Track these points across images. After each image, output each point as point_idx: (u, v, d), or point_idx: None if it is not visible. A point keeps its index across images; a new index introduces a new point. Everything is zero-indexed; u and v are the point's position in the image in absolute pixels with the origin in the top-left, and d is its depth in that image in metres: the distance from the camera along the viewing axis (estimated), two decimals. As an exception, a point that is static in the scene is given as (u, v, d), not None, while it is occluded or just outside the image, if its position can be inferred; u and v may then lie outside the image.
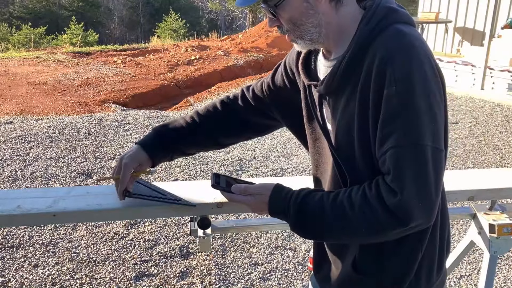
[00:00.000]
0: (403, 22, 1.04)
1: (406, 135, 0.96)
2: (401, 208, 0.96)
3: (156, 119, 6.52)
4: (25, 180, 4.30)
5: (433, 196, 0.97)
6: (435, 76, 0.99)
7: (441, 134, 0.99)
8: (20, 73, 9.64)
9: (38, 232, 3.37)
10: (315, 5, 1.05)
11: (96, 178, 4.36)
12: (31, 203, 1.37)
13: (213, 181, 1.22)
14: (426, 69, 0.97)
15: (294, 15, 1.06)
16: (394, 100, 0.96)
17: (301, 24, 1.07)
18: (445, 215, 1.20)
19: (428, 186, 0.96)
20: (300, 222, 1.09)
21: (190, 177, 4.42)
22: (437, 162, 0.97)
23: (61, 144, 5.32)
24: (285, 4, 1.05)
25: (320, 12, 1.06)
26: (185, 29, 30.22)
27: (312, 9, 1.05)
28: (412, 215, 0.96)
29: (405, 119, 0.96)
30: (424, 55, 0.98)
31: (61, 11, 41.62)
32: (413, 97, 0.95)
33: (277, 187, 1.15)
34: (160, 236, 3.32)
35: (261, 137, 5.64)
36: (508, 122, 6.24)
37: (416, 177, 0.95)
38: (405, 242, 1.08)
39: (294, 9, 1.06)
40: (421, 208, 0.96)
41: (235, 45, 14.45)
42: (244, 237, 3.32)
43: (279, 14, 1.09)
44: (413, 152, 0.96)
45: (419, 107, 0.95)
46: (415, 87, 0.95)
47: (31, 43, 21.40)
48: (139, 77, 9.74)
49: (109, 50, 14.53)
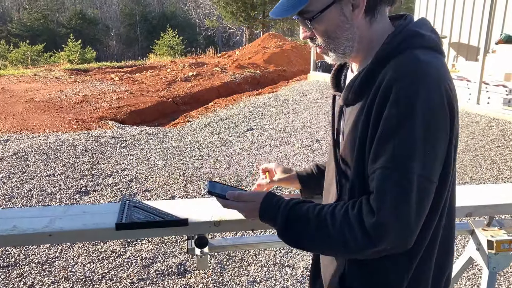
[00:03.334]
0: (426, 47, 1.03)
1: (395, 158, 0.96)
2: (376, 229, 0.96)
3: (153, 135, 6.52)
4: (22, 198, 4.27)
5: (411, 224, 0.96)
6: (443, 107, 0.97)
7: (435, 166, 0.98)
8: (17, 91, 9.65)
9: (34, 250, 3.34)
10: (351, 19, 1.06)
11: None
12: (27, 223, 1.36)
13: (209, 187, 1.26)
14: (433, 98, 0.95)
15: (330, 28, 1.08)
16: (392, 121, 0.96)
17: (336, 37, 1.09)
18: (447, 244, 1.16)
19: (407, 212, 0.95)
20: (286, 230, 1.11)
21: (188, 194, 4.40)
22: (423, 192, 0.96)
23: (58, 161, 5.31)
24: (322, 17, 1.06)
25: (355, 26, 1.07)
26: (183, 46, 30.43)
27: (348, 23, 1.07)
28: (385, 237, 0.96)
29: (398, 142, 0.95)
30: (436, 84, 0.97)
31: (59, 29, 41.92)
32: (412, 123, 0.95)
33: (269, 195, 1.18)
34: (157, 254, 3.30)
35: (259, 152, 5.67)
36: (504, 136, 6.27)
37: (396, 201, 0.95)
38: (393, 259, 1.07)
39: (330, 22, 1.07)
40: (396, 232, 0.95)
41: (232, 62, 14.54)
42: (242, 254, 3.29)
43: (314, 27, 1.09)
44: (398, 176, 0.95)
45: (416, 135, 0.95)
46: (416, 114, 0.95)
47: (28, 61, 21.47)
48: (137, 94, 9.77)
49: (107, 67, 14.60)
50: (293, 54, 15.31)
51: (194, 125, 7.30)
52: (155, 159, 5.44)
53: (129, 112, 8.42)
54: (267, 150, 5.84)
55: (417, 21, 1.11)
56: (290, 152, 5.72)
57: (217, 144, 6.12)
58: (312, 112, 7.90)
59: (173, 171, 5.02)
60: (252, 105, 8.61)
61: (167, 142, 6.21)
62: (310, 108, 8.28)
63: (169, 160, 5.40)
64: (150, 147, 5.93)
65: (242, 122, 7.36)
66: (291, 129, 6.82)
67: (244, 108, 8.38)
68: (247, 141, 6.27)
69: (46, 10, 43.38)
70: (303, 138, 6.35)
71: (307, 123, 7.16)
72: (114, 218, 1.38)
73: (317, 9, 1.06)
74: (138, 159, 5.42)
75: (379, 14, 1.08)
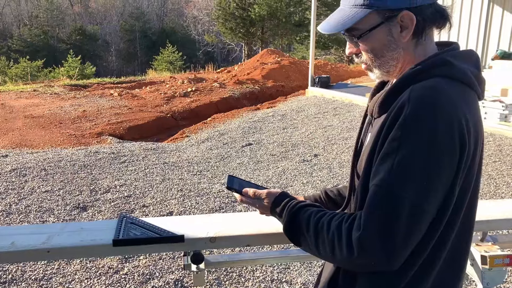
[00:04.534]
0: (451, 78, 1.03)
1: (389, 179, 0.98)
2: (358, 243, 0.99)
3: (152, 151, 6.55)
4: (20, 213, 4.28)
5: (396, 246, 0.97)
6: (450, 139, 0.96)
7: (430, 195, 0.97)
8: (17, 106, 9.69)
9: (31, 267, 3.33)
10: (398, 40, 1.08)
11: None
12: (25, 239, 1.38)
13: (227, 183, 1.35)
14: (439, 130, 0.95)
15: (377, 46, 1.10)
16: (394, 143, 0.98)
17: (382, 56, 1.11)
18: (456, 267, 1.15)
19: (393, 233, 0.96)
20: (289, 228, 1.17)
21: (185, 209, 4.41)
22: (413, 218, 0.96)
23: (57, 177, 5.32)
24: (369, 35, 1.09)
25: (401, 47, 1.10)
26: (182, 62, 30.61)
27: (395, 43, 1.09)
28: (367, 253, 0.98)
29: (396, 164, 0.97)
30: (446, 114, 0.96)
31: (59, 44, 42.20)
32: (413, 148, 0.96)
33: (281, 194, 1.25)
34: (154, 270, 3.29)
35: (257, 167, 5.69)
36: (501, 151, 6.30)
37: (383, 220, 0.97)
38: (380, 274, 1.08)
39: (378, 42, 1.09)
40: (378, 250, 0.97)
41: (231, 77, 14.63)
42: (239, 270, 3.29)
43: (362, 45, 1.12)
44: (388, 197, 0.97)
45: (414, 160, 0.96)
46: (418, 140, 0.96)
47: (28, 76, 21.58)
48: (136, 109, 9.81)
49: (106, 82, 14.68)
50: (291, 70, 15.41)
51: (192, 140, 7.33)
52: (153, 175, 5.45)
53: (128, 127, 8.45)
54: (265, 165, 5.86)
55: (460, 51, 1.11)
56: (288, 167, 5.74)
57: (215, 159, 6.14)
58: (310, 127, 7.94)
59: (171, 186, 5.03)
60: (251, 120, 8.65)
61: (166, 158, 6.23)
62: (308, 123, 8.32)
63: (167, 176, 5.41)
64: (149, 163, 5.95)
65: (241, 137, 7.40)
66: (289, 144, 6.85)
67: (243, 123, 8.42)
68: (245, 156, 6.29)
69: (46, 26, 43.73)
70: (301, 153, 6.37)
71: (305, 138, 7.20)
72: (111, 234, 1.40)
73: (366, 28, 1.08)
74: (137, 175, 5.44)
75: (426, 36, 1.10)
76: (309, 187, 5.01)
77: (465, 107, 1.01)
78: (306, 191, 4.89)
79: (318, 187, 5.00)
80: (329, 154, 6.29)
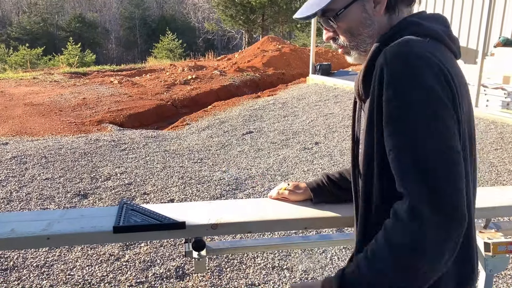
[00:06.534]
0: (421, 34, 1.03)
1: (402, 138, 0.93)
2: (410, 213, 0.90)
3: (152, 138, 6.53)
4: (20, 201, 4.27)
5: (447, 190, 0.89)
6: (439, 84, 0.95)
7: (448, 135, 0.93)
8: (16, 94, 9.66)
9: (33, 254, 3.34)
10: (372, 15, 1.10)
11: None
12: (25, 226, 1.36)
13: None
14: (424, 74, 0.94)
15: (353, 25, 1.11)
16: (391, 104, 0.96)
17: (359, 34, 1.12)
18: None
19: (439, 187, 0.89)
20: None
21: (186, 197, 4.40)
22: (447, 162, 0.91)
23: (57, 164, 5.31)
24: (345, 14, 1.10)
25: (375, 22, 1.10)
26: (182, 49, 30.49)
27: (370, 19, 1.10)
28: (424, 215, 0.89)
29: (400, 122, 0.94)
30: (426, 60, 0.96)
31: (58, 32, 41.97)
32: (410, 101, 0.93)
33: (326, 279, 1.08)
34: (155, 257, 3.30)
35: (258, 155, 5.67)
36: (503, 139, 6.28)
37: (420, 176, 0.91)
38: None
39: (353, 19, 1.10)
40: (434, 206, 0.89)
41: (231, 65, 14.56)
42: (240, 257, 3.29)
43: (338, 25, 1.12)
44: (412, 154, 0.92)
45: (416, 112, 0.93)
46: (412, 92, 0.93)
47: (28, 64, 21.50)
48: (136, 97, 9.78)
49: (106, 70, 14.62)
50: (292, 57, 15.33)
51: (193, 128, 7.31)
52: (154, 162, 5.44)
53: (128, 115, 8.42)
54: (266, 153, 5.84)
55: (427, 14, 1.11)
56: (289, 155, 5.72)
57: (216, 147, 6.13)
58: (311, 115, 7.91)
59: (171, 174, 5.02)
60: (251, 108, 8.62)
61: (166, 145, 6.21)
62: (309, 111, 8.29)
63: (168, 163, 5.40)
64: (149, 150, 5.94)
65: (241, 125, 7.37)
66: (290, 132, 6.83)
67: (243, 111, 8.39)
68: (246, 144, 6.28)
69: (46, 13, 43.45)
70: (302, 141, 6.35)
71: (306, 126, 7.17)
72: (111, 221, 1.39)
73: (341, 7, 1.09)
74: (137, 162, 5.43)
75: (400, 12, 1.11)
76: (310, 175, 5.00)
77: (442, 58, 0.99)
78: (307, 179, 4.88)
79: (319, 175, 4.99)
80: (330, 142, 6.27)
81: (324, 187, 1.51)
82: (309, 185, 1.54)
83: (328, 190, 1.50)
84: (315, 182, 1.54)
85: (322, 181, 1.53)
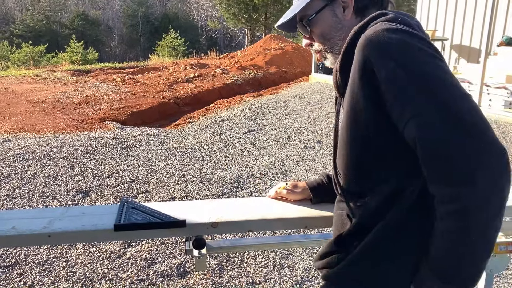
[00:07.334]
0: (392, 19, 1.04)
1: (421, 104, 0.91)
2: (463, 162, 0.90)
3: (154, 136, 6.54)
4: (23, 198, 4.29)
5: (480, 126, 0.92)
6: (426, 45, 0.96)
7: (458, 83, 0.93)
8: (19, 91, 9.68)
9: (34, 251, 3.35)
10: (343, 19, 1.17)
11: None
12: (26, 224, 1.37)
13: None
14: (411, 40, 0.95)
15: (325, 29, 1.18)
16: (395, 75, 0.94)
17: (331, 38, 1.19)
18: None
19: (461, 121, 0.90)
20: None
21: (188, 195, 4.41)
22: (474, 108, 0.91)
23: (59, 162, 5.32)
24: (317, 19, 1.18)
25: (346, 26, 1.16)
26: (184, 47, 30.49)
27: (340, 23, 1.17)
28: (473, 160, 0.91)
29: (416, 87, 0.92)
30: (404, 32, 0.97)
31: (61, 30, 42.04)
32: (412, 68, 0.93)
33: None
34: (157, 255, 3.31)
35: (259, 154, 5.68)
36: (505, 138, 6.26)
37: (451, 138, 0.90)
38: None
39: (325, 24, 1.18)
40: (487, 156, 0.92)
41: (233, 63, 14.55)
42: (241, 255, 3.30)
43: (312, 30, 1.20)
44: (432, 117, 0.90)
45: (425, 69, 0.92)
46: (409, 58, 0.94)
47: (31, 61, 21.54)
48: (138, 95, 9.79)
49: (109, 68, 14.64)
50: (295, 56, 15.31)
51: (195, 126, 7.31)
52: (156, 160, 5.45)
53: (130, 113, 8.43)
54: (267, 151, 5.85)
55: (395, 11, 1.12)
56: (291, 153, 5.73)
57: (218, 145, 6.13)
58: (313, 114, 7.91)
59: (173, 172, 5.03)
60: (253, 107, 8.62)
61: (168, 143, 6.22)
62: (311, 109, 8.28)
63: (170, 161, 5.41)
64: (151, 148, 5.95)
65: (243, 123, 7.38)
66: (292, 131, 6.83)
67: (245, 110, 8.39)
68: (248, 142, 6.28)
69: (49, 11, 43.51)
70: (304, 139, 6.35)
71: (308, 125, 7.17)
72: (112, 219, 1.40)
73: (313, 12, 1.18)
74: (139, 160, 5.44)
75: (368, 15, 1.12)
76: (311, 173, 5.00)
77: (418, 31, 1.02)
78: (308, 177, 4.88)
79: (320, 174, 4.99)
80: (332, 141, 6.26)
81: (324, 186, 1.51)
82: (309, 184, 1.55)
83: (328, 189, 1.50)
84: (315, 181, 1.55)
85: (322, 180, 1.53)
